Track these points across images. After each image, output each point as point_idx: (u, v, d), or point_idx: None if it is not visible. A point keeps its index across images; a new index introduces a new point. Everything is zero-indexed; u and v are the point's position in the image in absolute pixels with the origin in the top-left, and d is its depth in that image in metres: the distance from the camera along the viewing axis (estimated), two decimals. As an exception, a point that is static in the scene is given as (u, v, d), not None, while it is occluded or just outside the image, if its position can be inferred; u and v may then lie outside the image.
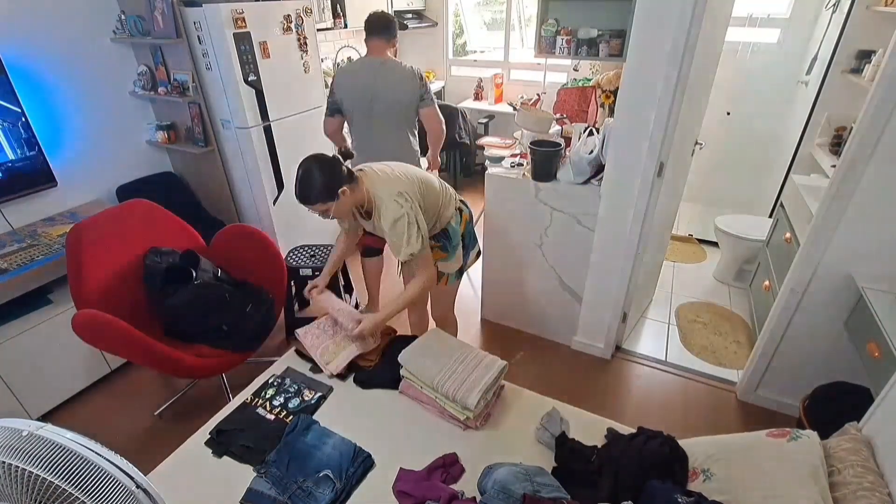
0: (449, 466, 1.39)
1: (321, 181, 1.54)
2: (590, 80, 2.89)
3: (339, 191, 1.55)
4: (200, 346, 1.99)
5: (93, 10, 2.50)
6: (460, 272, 1.95)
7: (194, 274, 2.06)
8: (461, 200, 1.93)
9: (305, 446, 1.43)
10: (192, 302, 1.99)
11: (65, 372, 2.24)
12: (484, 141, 3.63)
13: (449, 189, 1.88)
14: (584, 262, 2.33)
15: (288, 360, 1.85)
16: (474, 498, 1.29)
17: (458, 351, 1.63)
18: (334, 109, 2.39)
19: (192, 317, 2.01)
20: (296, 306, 2.89)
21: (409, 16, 4.50)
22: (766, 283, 2.43)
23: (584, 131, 2.28)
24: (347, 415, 1.59)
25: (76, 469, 0.75)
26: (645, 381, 2.39)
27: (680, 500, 1.14)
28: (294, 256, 2.65)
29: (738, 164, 3.75)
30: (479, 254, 2.04)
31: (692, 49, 1.74)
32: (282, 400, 1.64)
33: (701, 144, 2.55)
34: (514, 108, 4.25)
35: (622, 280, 2.27)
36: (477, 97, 4.68)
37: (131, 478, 0.81)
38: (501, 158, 2.53)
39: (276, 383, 1.71)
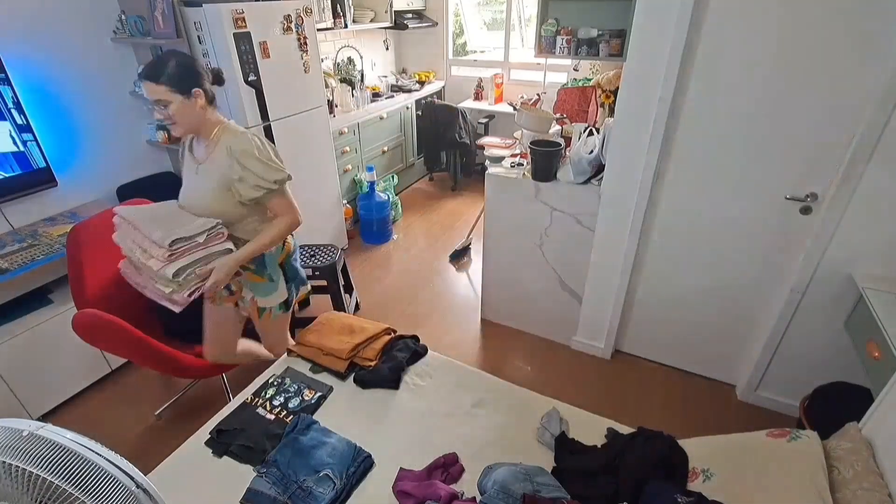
0: (449, 466, 1.39)
1: (179, 64, 1.37)
2: (590, 80, 2.89)
3: (194, 89, 1.39)
4: (201, 346, 1.98)
5: (93, 10, 2.50)
6: (286, 305, 1.79)
7: (194, 274, 2.06)
8: None
9: (305, 446, 1.43)
10: (193, 302, 1.99)
11: (65, 372, 2.24)
12: (484, 141, 3.64)
13: None
14: (584, 262, 2.33)
15: (288, 360, 1.85)
16: (474, 498, 1.29)
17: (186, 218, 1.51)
18: None
19: (193, 317, 2.00)
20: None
21: (409, 16, 4.50)
22: (766, 283, 2.43)
23: (584, 131, 2.28)
24: (347, 415, 1.59)
25: (76, 469, 0.75)
26: (645, 381, 2.39)
27: (680, 500, 1.14)
28: (294, 256, 2.65)
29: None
30: (308, 288, 1.82)
31: (692, 48, 1.74)
32: (282, 400, 1.64)
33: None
34: (514, 108, 4.25)
35: (622, 280, 2.27)
36: (477, 97, 4.68)
37: (131, 478, 0.81)
38: (501, 158, 2.53)
39: (276, 383, 1.71)
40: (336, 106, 3.61)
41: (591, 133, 2.26)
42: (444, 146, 4.46)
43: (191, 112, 1.43)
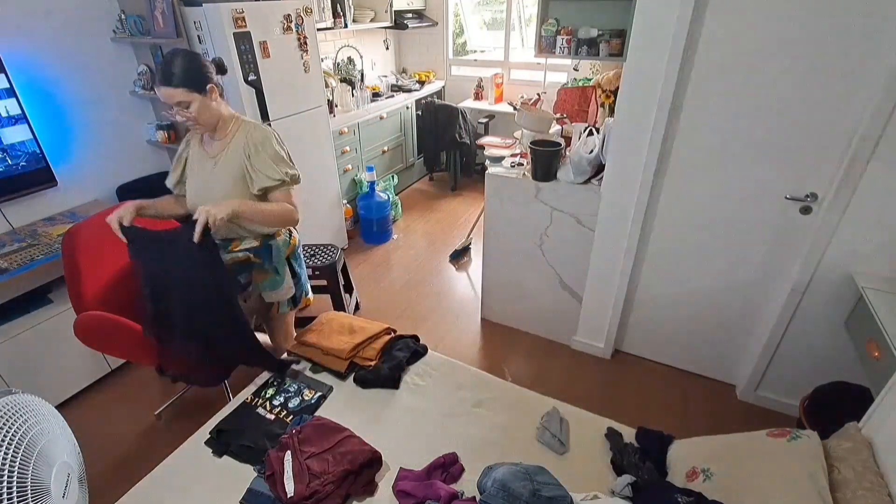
0: (449, 466, 1.39)
1: (188, 63, 1.42)
2: (590, 80, 2.89)
3: (209, 85, 1.45)
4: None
5: (93, 10, 2.50)
6: (293, 301, 1.84)
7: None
8: None
9: (305, 446, 1.43)
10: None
11: (64, 372, 2.24)
12: (484, 141, 3.63)
13: None
14: (584, 262, 2.33)
15: (288, 360, 1.84)
16: (474, 497, 1.29)
17: None
18: None
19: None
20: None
21: (409, 16, 4.50)
22: (766, 283, 2.43)
23: (584, 131, 2.28)
24: (347, 415, 1.59)
25: None
26: (645, 381, 2.39)
27: (680, 499, 1.14)
28: (294, 256, 2.65)
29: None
30: (311, 299, 1.94)
31: (692, 48, 1.74)
32: (282, 400, 1.64)
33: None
34: (515, 108, 4.24)
35: (622, 280, 2.27)
36: (477, 97, 4.68)
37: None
38: (501, 158, 2.53)
39: (276, 383, 1.71)
40: (336, 106, 3.61)
41: (591, 133, 2.26)
42: (444, 146, 4.46)
43: (209, 108, 1.48)
